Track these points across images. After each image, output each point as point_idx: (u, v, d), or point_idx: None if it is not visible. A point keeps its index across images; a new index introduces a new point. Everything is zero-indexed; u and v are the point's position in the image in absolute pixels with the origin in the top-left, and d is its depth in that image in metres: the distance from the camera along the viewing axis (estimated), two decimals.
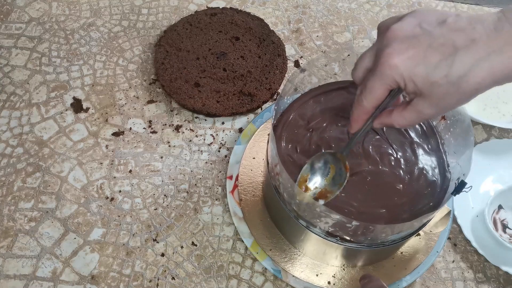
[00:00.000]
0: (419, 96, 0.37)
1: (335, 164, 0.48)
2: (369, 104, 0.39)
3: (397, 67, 0.35)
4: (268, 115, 0.68)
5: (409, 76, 0.35)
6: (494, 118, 0.70)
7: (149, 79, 0.74)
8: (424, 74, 0.35)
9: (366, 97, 0.39)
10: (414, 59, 0.35)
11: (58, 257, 0.59)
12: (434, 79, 0.35)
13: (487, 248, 0.59)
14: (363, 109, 0.40)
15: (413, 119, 0.39)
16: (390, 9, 0.85)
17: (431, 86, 0.35)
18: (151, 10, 0.82)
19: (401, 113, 0.39)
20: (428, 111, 0.37)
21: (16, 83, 0.72)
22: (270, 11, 0.83)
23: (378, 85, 0.37)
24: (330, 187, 0.48)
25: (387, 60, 0.36)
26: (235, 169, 0.63)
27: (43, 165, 0.65)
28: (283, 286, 0.57)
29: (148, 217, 0.62)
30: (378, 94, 0.38)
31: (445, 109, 0.37)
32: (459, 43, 0.34)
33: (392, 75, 0.36)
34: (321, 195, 0.47)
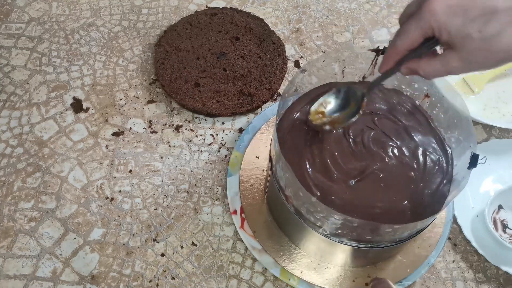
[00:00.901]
0: (451, 48, 0.38)
1: (355, 101, 0.49)
2: (402, 45, 0.40)
3: (436, 13, 0.36)
4: (258, 122, 0.67)
5: (445, 24, 0.36)
6: (494, 118, 0.70)
7: (149, 79, 0.74)
8: (460, 25, 0.36)
9: (401, 37, 0.40)
10: (455, 9, 0.36)
11: (58, 257, 0.59)
12: (469, 31, 0.36)
13: (487, 248, 0.59)
14: (395, 50, 0.41)
15: (439, 69, 0.40)
16: (390, 9, 0.85)
17: (464, 39, 0.36)
18: (151, 10, 0.82)
19: (429, 61, 0.40)
20: (455, 64, 0.38)
21: (16, 83, 0.72)
22: (270, 11, 0.83)
23: (413, 28, 0.38)
24: (342, 119, 0.49)
25: (429, 5, 0.37)
26: (236, 202, 0.61)
27: (43, 165, 0.65)
28: (283, 286, 0.57)
29: (148, 217, 0.62)
30: (412, 36, 0.39)
31: (471, 66, 0.38)
32: (500, 5, 0.35)
33: (429, 19, 0.37)
34: (331, 123, 0.50)
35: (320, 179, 0.49)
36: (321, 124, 0.50)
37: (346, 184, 0.49)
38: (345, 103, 0.50)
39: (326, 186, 0.49)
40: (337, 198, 0.48)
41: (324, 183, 0.49)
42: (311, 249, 0.56)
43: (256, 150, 0.64)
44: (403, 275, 0.56)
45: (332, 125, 0.50)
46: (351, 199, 0.48)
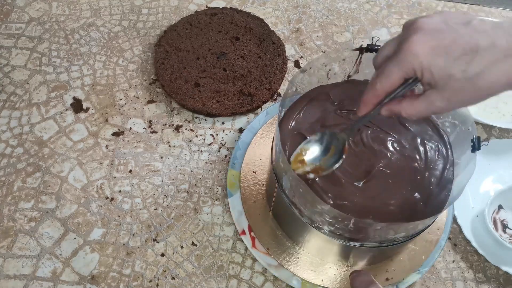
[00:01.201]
0: (433, 88, 0.38)
1: (335, 144, 0.48)
2: (382, 88, 0.40)
3: (418, 55, 0.36)
4: (248, 136, 0.66)
5: (428, 65, 0.36)
6: (494, 118, 0.70)
7: (149, 79, 0.74)
8: (443, 65, 0.36)
9: (381, 80, 0.40)
10: (436, 50, 0.36)
11: (58, 257, 0.59)
12: (452, 71, 0.36)
13: (487, 248, 0.59)
14: (375, 93, 0.41)
15: (423, 110, 0.40)
16: (390, 9, 0.85)
17: (448, 79, 0.36)
18: (151, 10, 0.82)
19: (412, 102, 0.40)
20: (440, 104, 0.38)
21: (16, 83, 0.72)
22: (270, 11, 0.83)
23: (395, 70, 0.38)
24: (326, 165, 0.48)
25: (409, 47, 0.37)
26: (242, 221, 0.60)
27: (43, 165, 0.65)
28: (283, 286, 0.57)
29: (148, 217, 0.62)
30: (393, 80, 0.39)
31: (456, 105, 0.38)
32: (482, 43, 0.35)
33: (411, 62, 0.37)
34: (314, 170, 0.48)
35: (329, 186, 0.49)
36: (304, 173, 0.48)
37: (355, 186, 0.49)
38: (325, 149, 0.49)
39: (337, 192, 0.49)
40: (350, 203, 0.48)
41: (334, 189, 0.49)
42: (332, 259, 0.56)
43: (251, 166, 0.64)
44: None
45: (316, 172, 0.48)
46: (364, 201, 0.48)
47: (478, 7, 0.86)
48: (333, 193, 0.48)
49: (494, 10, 0.85)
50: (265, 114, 0.68)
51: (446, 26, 0.37)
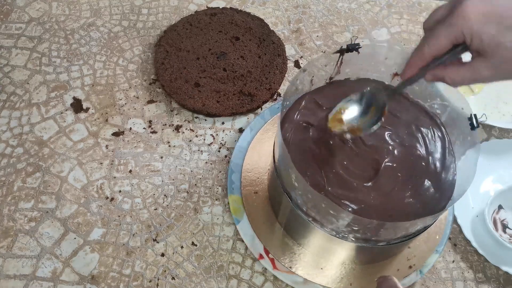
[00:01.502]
0: (481, 55, 0.37)
1: (376, 106, 0.47)
2: (430, 51, 0.39)
3: (470, 19, 0.36)
4: (238, 158, 0.64)
5: (478, 31, 0.36)
6: (494, 118, 0.70)
7: (149, 79, 0.74)
8: (494, 33, 0.35)
9: (429, 43, 0.39)
10: (489, 16, 0.35)
11: (58, 257, 0.59)
12: (502, 40, 0.35)
13: (487, 248, 0.59)
14: (422, 55, 0.40)
15: (468, 77, 0.39)
16: (390, 9, 0.85)
17: (497, 47, 0.35)
18: (151, 10, 0.82)
19: (457, 68, 0.39)
20: (486, 72, 0.37)
21: (16, 83, 0.72)
22: (270, 11, 0.83)
23: (444, 33, 0.37)
24: (363, 126, 0.47)
25: (462, 12, 0.36)
26: (256, 246, 0.58)
27: (43, 165, 0.65)
28: (283, 286, 0.57)
29: (148, 217, 0.62)
30: (442, 43, 0.38)
31: (502, 75, 0.37)
32: None
33: (461, 26, 0.36)
34: (352, 130, 0.47)
35: (344, 193, 0.49)
36: (340, 132, 0.47)
37: (367, 187, 0.49)
38: (364, 109, 0.47)
39: (352, 197, 0.48)
40: (368, 207, 0.48)
41: (348, 195, 0.49)
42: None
43: (251, 186, 0.62)
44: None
45: (354, 133, 0.47)
46: (381, 200, 0.48)
47: None
48: (349, 198, 0.48)
49: None
50: (249, 130, 0.67)
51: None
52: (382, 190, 0.49)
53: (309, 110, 0.54)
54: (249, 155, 0.64)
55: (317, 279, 0.56)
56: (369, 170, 0.50)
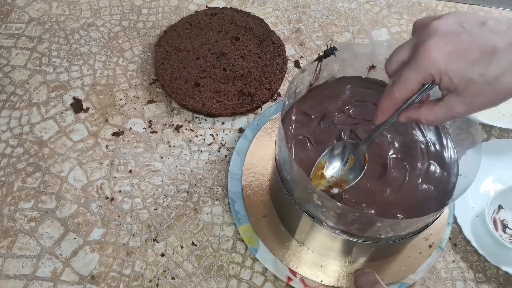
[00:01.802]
0: (452, 92, 0.37)
1: (354, 155, 0.48)
2: (400, 95, 0.40)
3: (436, 61, 0.36)
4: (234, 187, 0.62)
5: (446, 70, 0.36)
6: (494, 118, 0.70)
7: (149, 79, 0.74)
8: (462, 70, 0.35)
9: (399, 88, 0.39)
10: (453, 54, 0.35)
11: (58, 257, 0.59)
12: (471, 76, 0.35)
13: (487, 248, 0.59)
14: (392, 100, 0.40)
15: (443, 115, 0.39)
16: (390, 9, 0.85)
17: (467, 83, 0.36)
18: (151, 10, 0.82)
19: (431, 108, 0.39)
20: (460, 109, 0.38)
21: (16, 83, 0.72)
22: (270, 11, 0.83)
23: (413, 77, 0.38)
24: (347, 177, 0.48)
25: (426, 53, 0.36)
26: (282, 270, 0.56)
27: (43, 165, 0.65)
28: (283, 286, 0.57)
29: (148, 217, 0.62)
30: (411, 86, 0.38)
31: (476, 108, 0.37)
32: (499, 44, 0.34)
33: (429, 67, 0.36)
34: (336, 184, 0.48)
35: (361, 198, 0.49)
36: (326, 188, 0.47)
37: (381, 184, 0.49)
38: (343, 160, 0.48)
39: (370, 201, 0.48)
40: (389, 205, 0.48)
41: (366, 199, 0.49)
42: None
43: (258, 211, 0.60)
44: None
45: (338, 186, 0.47)
46: (398, 196, 0.49)
47: (478, 7, 0.86)
48: (366, 201, 0.48)
49: (494, 10, 0.85)
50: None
51: (462, 28, 0.36)
52: (396, 184, 0.49)
53: (301, 122, 0.54)
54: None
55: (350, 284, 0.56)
56: (378, 167, 0.51)
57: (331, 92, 0.56)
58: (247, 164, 0.63)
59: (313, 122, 0.54)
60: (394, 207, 0.48)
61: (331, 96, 0.56)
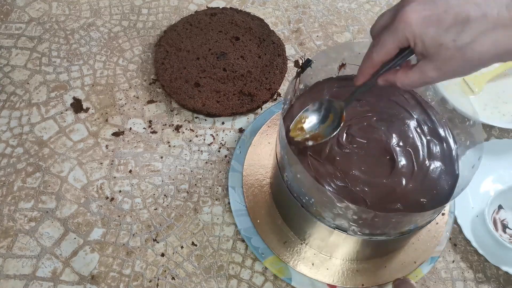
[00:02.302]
0: (425, 57, 0.38)
1: (333, 112, 0.49)
2: (378, 57, 0.41)
3: (411, 24, 0.37)
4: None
5: (420, 34, 0.37)
6: (494, 118, 0.70)
7: (149, 79, 0.74)
8: (434, 35, 0.37)
9: (377, 50, 0.40)
10: (428, 20, 0.37)
11: (58, 257, 0.59)
12: (443, 41, 0.37)
13: (487, 248, 0.59)
14: (371, 62, 0.42)
15: (416, 79, 0.40)
16: None
17: (439, 48, 0.37)
18: (151, 10, 0.82)
19: (406, 72, 0.41)
20: (432, 73, 0.39)
21: (16, 83, 0.72)
22: (270, 11, 0.83)
23: (389, 40, 0.39)
24: (324, 132, 0.49)
25: (402, 17, 0.38)
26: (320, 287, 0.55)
27: (43, 165, 0.65)
28: (283, 286, 0.57)
29: (148, 217, 0.62)
30: (388, 49, 0.40)
31: (448, 74, 0.39)
32: (472, 14, 0.36)
33: (404, 31, 0.38)
34: (313, 137, 0.49)
35: (383, 197, 0.49)
36: (303, 140, 0.49)
37: (395, 178, 0.50)
38: (323, 117, 0.50)
39: (392, 198, 0.48)
40: (412, 200, 0.48)
41: (387, 197, 0.49)
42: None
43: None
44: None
45: (315, 139, 0.49)
46: (415, 185, 0.49)
47: None
48: (389, 199, 0.48)
49: None
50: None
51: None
52: (408, 171, 0.50)
53: None
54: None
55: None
56: (384, 161, 0.51)
57: (312, 101, 0.55)
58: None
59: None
60: (417, 194, 0.49)
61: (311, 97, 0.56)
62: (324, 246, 0.56)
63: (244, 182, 0.62)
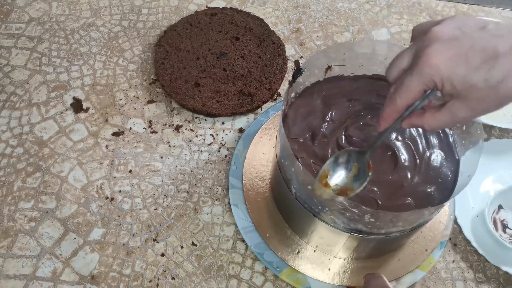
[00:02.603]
0: (455, 98, 0.37)
1: (358, 162, 0.48)
2: (403, 102, 0.39)
3: (438, 67, 0.36)
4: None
5: (448, 77, 0.36)
6: (494, 118, 0.70)
7: (149, 79, 0.74)
8: (464, 75, 0.35)
9: (401, 95, 0.39)
10: (455, 60, 0.35)
11: (58, 257, 0.59)
12: (474, 81, 0.35)
13: (487, 248, 0.59)
14: (395, 108, 0.40)
15: (446, 121, 0.39)
16: (390, 9, 0.85)
17: (470, 89, 0.36)
18: (151, 10, 0.82)
19: (434, 114, 0.39)
20: (463, 114, 0.38)
21: (16, 83, 0.72)
22: (270, 11, 0.83)
23: (415, 84, 0.38)
24: (351, 185, 0.47)
25: (428, 60, 0.36)
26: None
27: (43, 165, 0.65)
28: (283, 286, 0.57)
29: (148, 217, 0.62)
30: (414, 93, 0.38)
31: (480, 113, 0.37)
32: (500, 48, 0.34)
33: (431, 74, 0.36)
34: (341, 192, 0.47)
35: (394, 192, 0.49)
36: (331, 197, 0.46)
37: (401, 173, 0.50)
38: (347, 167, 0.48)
39: (401, 193, 0.49)
40: (425, 184, 0.49)
41: (398, 192, 0.49)
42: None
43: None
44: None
45: (344, 194, 0.47)
46: (423, 177, 0.49)
47: (478, 7, 0.86)
48: (399, 194, 0.48)
49: (494, 10, 0.85)
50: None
51: (462, 33, 0.36)
52: (411, 164, 0.50)
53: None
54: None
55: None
56: (386, 158, 0.51)
57: (305, 109, 0.55)
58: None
59: (305, 142, 0.53)
60: (424, 185, 0.49)
61: (307, 113, 0.55)
62: (337, 250, 0.55)
63: (246, 198, 0.61)
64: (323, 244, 0.56)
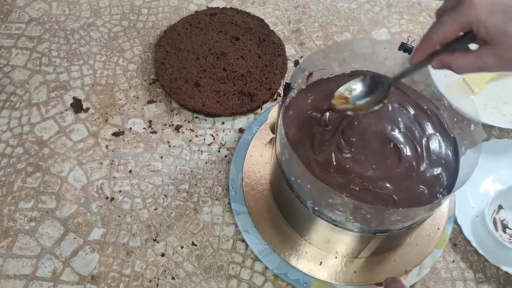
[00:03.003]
0: (487, 44, 0.38)
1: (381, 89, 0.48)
2: (437, 37, 0.40)
3: (476, 8, 0.36)
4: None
5: (484, 20, 0.36)
6: (494, 118, 0.70)
7: (149, 79, 0.74)
8: (500, 21, 0.36)
9: (436, 29, 0.40)
10: (495, 5, 0.36)
11: (58, 257, 0.59)
12: (508, 29, 0.36)
13: (487, 248, 0.59)
14: (429, 42, 0.41)
15: (473, 64, 0.39)
16: (390, 9, 0.85)
17: (503, 36, 0.36)
18: (151, 10, 0.82)
19: (463, 55, 0.40)
20: (491, 60, 0.38)
21: (16, 83, 0.72)
22: (270, 11, 0.83)
23: (450, 21, 0.38)
24: (367, 106, 0.48)
25: (470, 1, 0.37)
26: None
27: (43, 165, 0.65)
28: (283, 286, 0.57)
29: (148, 217, 0.62)
30: (448, 30, 0.39)
31: (506, 63, 0.38)
32: None
33: (468, 14, 0.37)
34: (355, 109, 0.49)
35: (399, 187, 0.49)
36: (343, 110, 0.49)
37: (407, 163, 0.50)
38: (370, 91, 0.49)
39: (413, 179, 0.50)
40: (434, 184, 0.50)
41: (403, 187, 0.49)
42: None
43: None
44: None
45: (355, 111, 0.49)
46: (429, 160, 0.50)
47: None
48: (411, 183, 0.49)
49: None
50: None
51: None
52: (414, 153, 0.51)
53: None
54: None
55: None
56: (389, 150, 0.51)
57: (297, 116, 0.55)
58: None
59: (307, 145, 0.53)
60: (431, 170, 0.50)
61: (301, 124, 0.55)
62: (359, 251, 0.55)
63: (256, 223, 0.60)
64: (347, 250, 0.56)
